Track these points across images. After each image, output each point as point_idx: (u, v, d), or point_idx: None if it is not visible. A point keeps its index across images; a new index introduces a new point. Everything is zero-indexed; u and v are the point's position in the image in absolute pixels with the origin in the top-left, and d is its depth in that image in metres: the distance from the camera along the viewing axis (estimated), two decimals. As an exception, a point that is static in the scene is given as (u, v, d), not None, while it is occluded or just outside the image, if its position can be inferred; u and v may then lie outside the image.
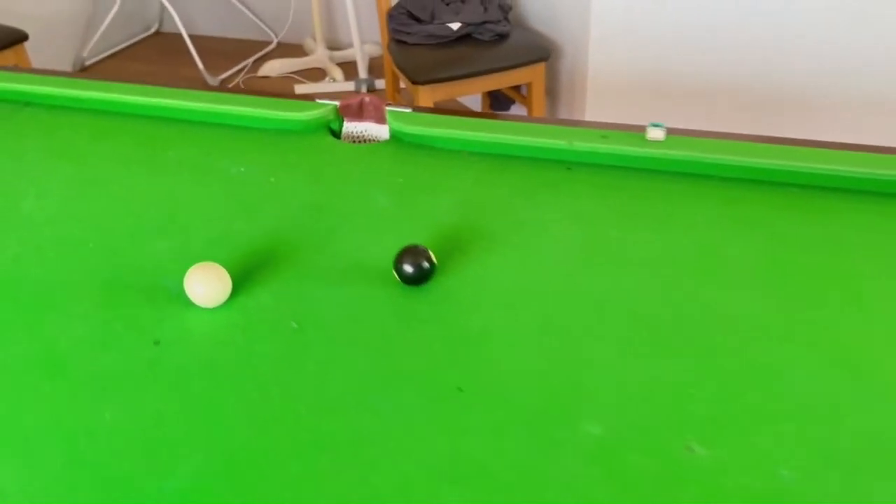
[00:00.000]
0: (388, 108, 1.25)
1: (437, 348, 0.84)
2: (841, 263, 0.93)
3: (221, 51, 3.93)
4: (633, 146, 1.13)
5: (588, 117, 2.61)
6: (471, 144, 1.19)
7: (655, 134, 1.12)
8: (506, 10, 2.61)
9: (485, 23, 2.53)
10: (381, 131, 1.27)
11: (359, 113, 1.29)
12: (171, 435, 0.75)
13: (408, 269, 0.90)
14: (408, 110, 1.25)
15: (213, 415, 0.77)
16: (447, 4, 2.65)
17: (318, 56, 3.66)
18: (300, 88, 3.47)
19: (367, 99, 1.28)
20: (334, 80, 3.52)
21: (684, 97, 2.44)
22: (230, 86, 3.53)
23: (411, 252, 0.91)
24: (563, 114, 2.74)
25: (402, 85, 2.73)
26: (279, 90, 3.46)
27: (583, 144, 1.14)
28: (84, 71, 3.73)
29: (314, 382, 0.80)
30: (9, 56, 2.76)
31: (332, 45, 3.74)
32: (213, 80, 3.55)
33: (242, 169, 1.17)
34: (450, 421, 0.76)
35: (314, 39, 3.68)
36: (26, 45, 2.84)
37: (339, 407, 0.78)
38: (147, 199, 1.11)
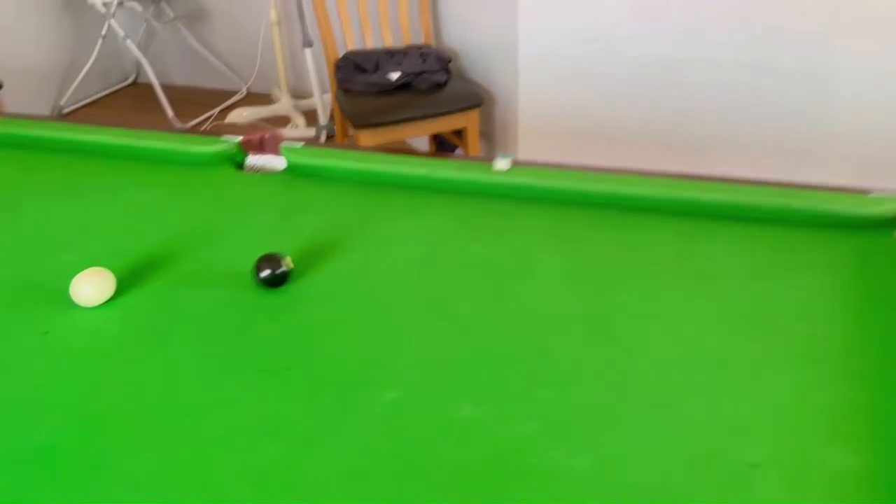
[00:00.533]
0: (283, 142, 1.43)
1: (278, 336, 1.00)
2: (632, 268, 1.10)
3: (194, 100, 4.15)
4: (482, 175, 1.30)
5: (521, 158, 2.80)
6: (351, 173, 1.37)
7: (501, 164, 1.30)
8: (444, 62, 2.82)
9: (423, 73, 2.74)
10: (279, 163, 1.45)
11: (260, 147, 1.46)
12: (41, 401, 0.90)
13: (262, 273, 1.07)
14: (300, 145, 1.43)
15: (80, 385, 0.93)
16: (391, 57, 2.87)
17: (283, 104, 3.87)
18: (263, 134, 3.66)
19: (267, 135, 1.47)
20: (296, 127, 3.73)
21: (605, 138, 2.63)
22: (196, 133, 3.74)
23: (267, 259, 1.08)
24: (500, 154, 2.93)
25: (351, 131, 2.93)
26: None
27: (443, 173, 1.32)
28: (61, 117, 3.94)
29: (170, 363, 0.96)
30: (-16, 103, 2.96)
31: (298, 94, 3.96)
32: (180, 127, 3.75)
33: (149, 195, 1.35)
34: (274, 391, 0.92)
35: (280, 89, 3.90)
36: (2, 92, 3.05)
37: (186, 381, 0.94)
38: (61, 221, 1.28)
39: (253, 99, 4.13)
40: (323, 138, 3.59)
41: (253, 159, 1.47)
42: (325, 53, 2.92)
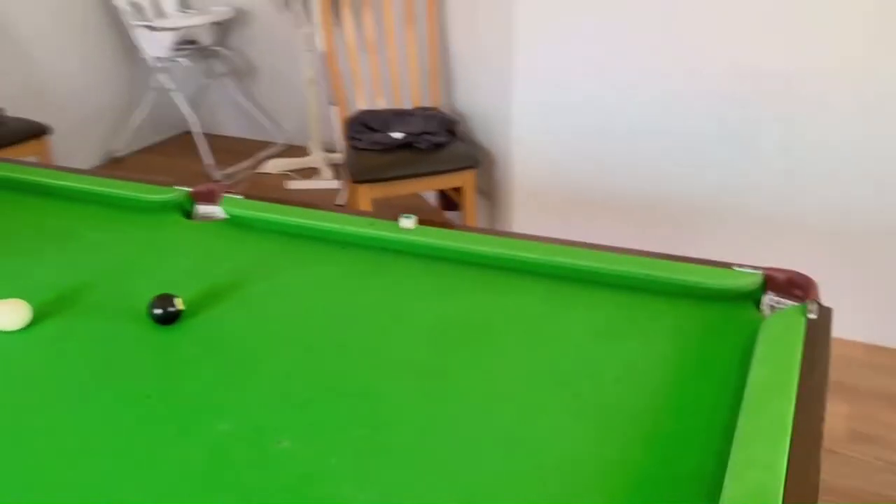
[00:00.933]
0: (224, 194, 1.57)
1: (150, 368, 1.12)
2: (493, 326, 1.17)
3: (238, 149, 4.41)
4: (389, 232, 1.40)
5: (516, 218, 2.89)
6: (277, 225, 1.49)
7: (406, 223, 1.40)
8: (447, 124, 2.96)
9: (424, 133, 2.87)
10: (223, 213, 1.58)
11: (208, 197, 1.61)
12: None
13: (154, 311, 1.19)
14: (239, 197, 1.57)
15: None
16: (398, 117, 3.02)
17: (315, 157, 4.08)
18: (291, 184, 3.88)
19: (214, 187, 1.61)
20: (324, 179, 3.92)
21: (595, 203, 2.70)
22: (232, 180, 3.97)
23: (160, 299, 1.20)
24: (499, 215, 3.03)
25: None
26: (269, 184, 3.90)
27: (353, 228, 1.43)
28: (114, 162, 4.26)
29: (43, 385, 1.08)
30: (31, 148, 3.24)
31: (329, 148, 4.16)
32: (217, 174, 4.00)
33: (97, 236, 1.50)
34: (126, 416, 1.02)
35: (313, 142, 4.11)
36: (59, 136, 3.34)
37: (51, 402, 1.05)
38: (13, 258, 1.44)
39: (291, 151, 4.36)
40: (346, 191, 3.76)
41: (201, 208, 1.61)
42: (339, 112, 3.10)
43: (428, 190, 3.04)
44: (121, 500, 0.89)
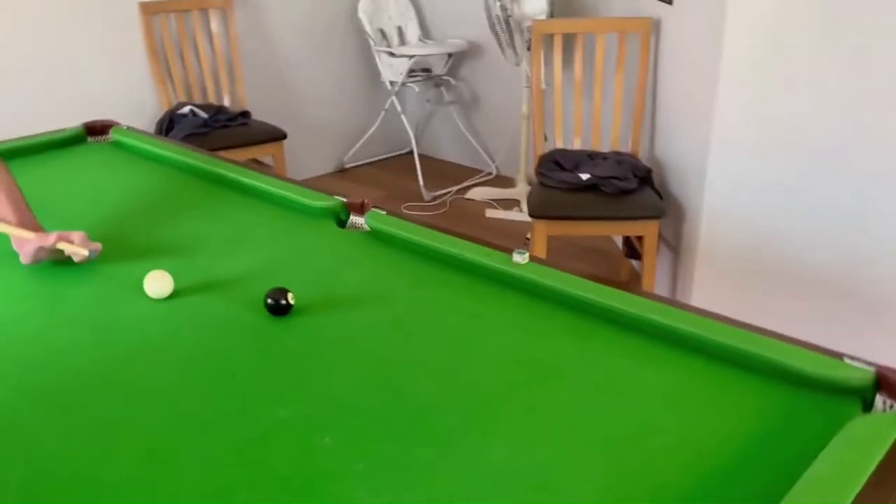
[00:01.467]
0: (371, 208, 1.70)
1: (245, 351, 1.25)
2: (566, 368, 1.17)
3: (450, 173, 4.63)
4: (502, 265, 1.44)
5: (696, 275, 2.76)
6: (407, 243, 1.58)
7: (518, 259, 1.43)
8: (638, 170, 2.91)
9: (611, 177, 2.85)
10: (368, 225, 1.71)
11: (360, 210, 1.74)
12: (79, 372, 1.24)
13: (267, 300, 1.33)
14: (383, 212, 1.68)
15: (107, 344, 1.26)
16: (591, 159, 3.03)
17: (518, 190, 4.18)
18: (490, 213, 4.02)
19: (367, 200, 1.74)
20: (521, 211, 4.00)
21: (776, 273, 2.52)
22: (437, 202, 4.19)
23: (275, 291, 1.34)
24: (680, 270, 2.91)
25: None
26: (470, 209, 4.07)
27: (471, 256, 1.48)
28: (341, 171, 4.66)
29: (165, 347, 1.25)
30: (269, 149, 3.67)
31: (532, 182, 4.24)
32: (427, 195, 4.24)
33: (260, 230, 1.69)
34: (206, 388, 1.16)
35: (519, 175, 4.22)
36: (297, 143, 3.76)
37: (160, 364, 1.21)
38: (181, 239, 1.65)
39: (498, 181, 4.50)
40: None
41: (354, 218, 1.74)
42: (534, 148, 3.16)
43: (606, 234, 3.00)
44: (172, 452, 1.02)
